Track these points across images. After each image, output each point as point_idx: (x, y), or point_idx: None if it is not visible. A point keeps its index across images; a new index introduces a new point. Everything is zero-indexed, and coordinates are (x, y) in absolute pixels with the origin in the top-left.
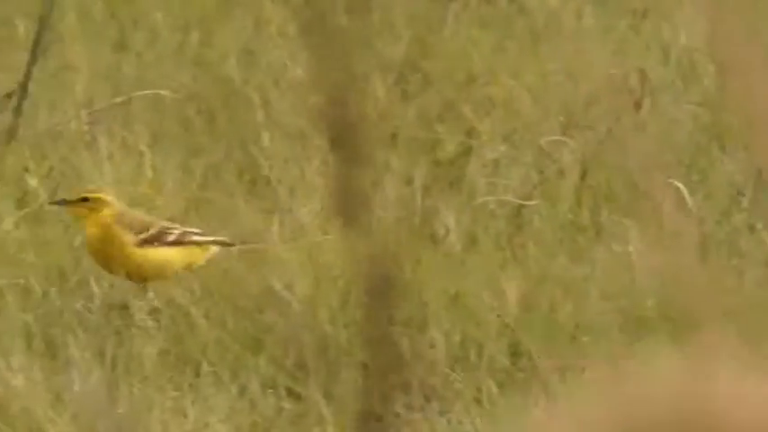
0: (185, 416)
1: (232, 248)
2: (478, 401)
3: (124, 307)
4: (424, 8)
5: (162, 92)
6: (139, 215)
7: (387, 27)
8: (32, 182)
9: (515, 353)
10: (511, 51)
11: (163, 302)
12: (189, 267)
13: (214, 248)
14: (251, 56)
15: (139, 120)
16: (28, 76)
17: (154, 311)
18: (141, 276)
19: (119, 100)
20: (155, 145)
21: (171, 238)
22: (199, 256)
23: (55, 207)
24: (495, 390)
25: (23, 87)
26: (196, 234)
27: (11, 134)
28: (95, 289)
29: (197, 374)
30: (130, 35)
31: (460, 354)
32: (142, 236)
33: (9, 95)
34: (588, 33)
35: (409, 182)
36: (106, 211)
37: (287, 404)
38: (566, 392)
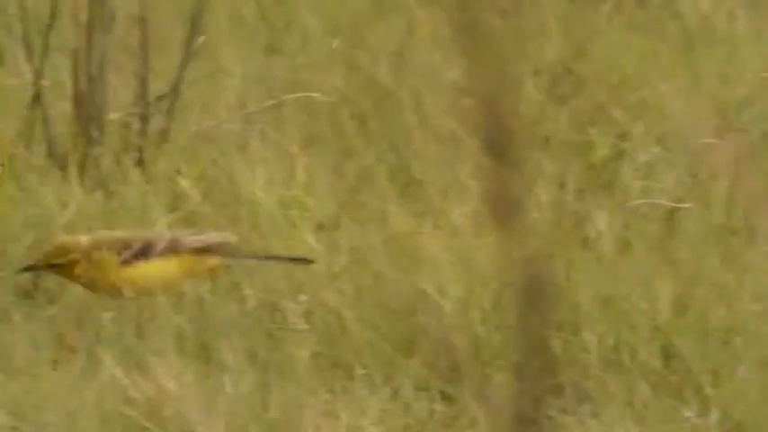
0: (338, 418)
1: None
2: (631, 405)
3: (277, 309)
4: (577, 11)
5: (314, 95)
6: (116, 234)
7: (539, 30)
8: (184, 184)
9: (668, 356)
10: (663, 54)
11: (315, 305)
12: (191, 274)
13: (215, 256)
14: (403, 58)
15: (292, 123)
16: (179, 78)
17: (306, 314)
18: (138, 294)
19: (271, 103)
20: (307, 148)
21: (157, 249)
22: (195, 261)
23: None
24: (647, 393)
25: (175, 90)
26: (188, 238)
27: (163, 137)
28: (248, 291)
29: (350, 377)
30: (282, 38)
31: (613, 357)
32: (123, 255)
33: (161, 98)
34: (741, 37)
35: (562, 185)
36: (74, 255)
37: (439, 407)
38: (718, 395)
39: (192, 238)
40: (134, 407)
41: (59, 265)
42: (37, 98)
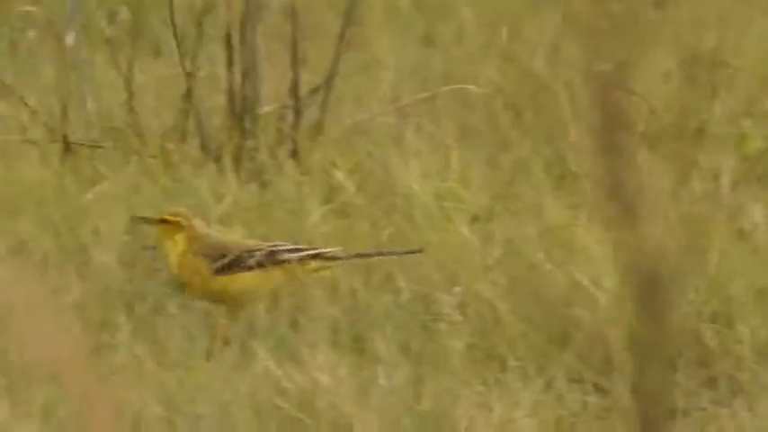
0: (491, 410)
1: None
2: None
3: (431, 301)
4: (732, 3)
5: (469, 87)
6: (219, 239)
7: (694, 21)
8: (339, 176)
9: None
10: None
11: (469, 296)
12: (283, 287)
13: (315, 263)
14: (558, 51)
15: (446, 115)
16: (333, 70)
17: (460, 305)
18: (224, 304)
19: (425, 95)
20: (462, 140)
21: (252, 261)
22: (293, 274)
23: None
24: None
25: (329, 82)
26: (287, 251)
27: (317, 129)
28: (402, 283)
29: (503, 369)
30: (437, 30)
31: (767, 349)
32: (217, 264)
33: (315, 90)
34: None
35: (716, 177)
36: (180, 237)
37: (592, 399)
38: None
39: (294, 255)
40: (287, 399)
41: (167, 222)
42: (190, 90)
